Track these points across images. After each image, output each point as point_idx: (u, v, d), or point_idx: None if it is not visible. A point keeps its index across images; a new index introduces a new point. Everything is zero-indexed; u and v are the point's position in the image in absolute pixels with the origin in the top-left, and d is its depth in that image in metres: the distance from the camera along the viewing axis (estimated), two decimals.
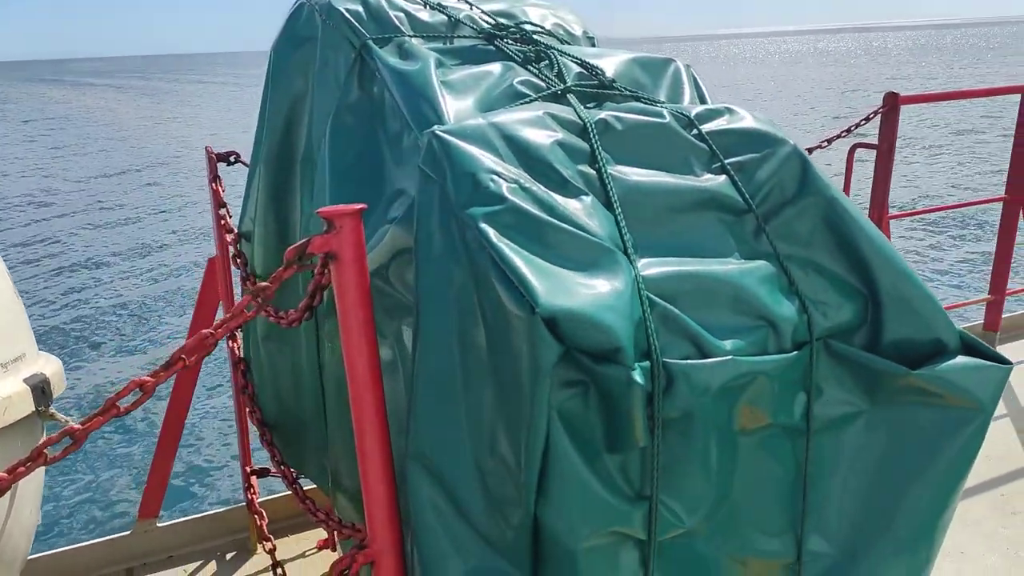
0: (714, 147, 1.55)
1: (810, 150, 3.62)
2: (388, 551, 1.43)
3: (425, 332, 1.33)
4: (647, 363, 1.24)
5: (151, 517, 2.85)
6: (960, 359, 1.41)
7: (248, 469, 2.85)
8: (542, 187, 1.32)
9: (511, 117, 1.48)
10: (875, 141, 3.74)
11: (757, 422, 1.39)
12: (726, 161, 1.54)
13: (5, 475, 1.22)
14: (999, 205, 4.28)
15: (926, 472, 1.46)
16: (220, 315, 2.78)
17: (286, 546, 2.90)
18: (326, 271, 1.36)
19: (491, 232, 1.21)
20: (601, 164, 1.42)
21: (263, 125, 2.28)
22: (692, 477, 1.33)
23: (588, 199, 1.36)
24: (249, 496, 2.80)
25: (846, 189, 3.87)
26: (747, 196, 1.50)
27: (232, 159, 2.65)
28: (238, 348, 2.65)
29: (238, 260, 2.35)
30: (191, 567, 2.82)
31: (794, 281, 1.44)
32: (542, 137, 1.42)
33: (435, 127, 1.41)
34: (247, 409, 2.45)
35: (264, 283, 1.30)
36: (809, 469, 1.48)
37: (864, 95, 34.56)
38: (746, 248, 1.47)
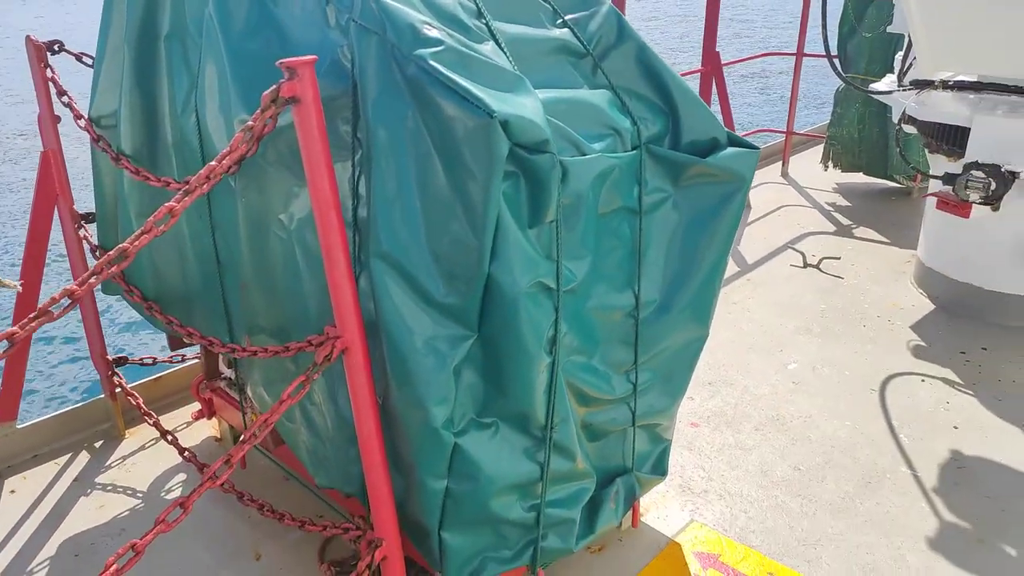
0: (555, 7, 2.05)
1: None
2: (356, 340, 1.81)
3: (378, 158, 1.70)
4: (547, 155, 1.74)
5: (10, 420, 2.85)
6: (728, 149, 2.09)
7: (107, 359, 2.93)
8: (459, 35, 1.73)
9: None
10: None
11: (612, 205, 1.96)
12: (566, 17, 2.05)
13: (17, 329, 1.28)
14: (698, 76, 5.30)
15: (712, 232, 2.15)
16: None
17: (148, 430, 3.05)
18: (270, 120, 1.66)
19: (440, 67, 1.61)
20: (487, 19, 1.86)
21: (111, 8, 2.35)
22: (578, 245, 1.88)
23: (490, 44, 1.80)
24: (115, 383, 2.90)
25: None
26: (585, 43, 2.03)
27: (56, 48, 2.63)
28: (90, 237, 2.71)
29: (99, 143, 2.43)
30: (63, 460, 2.88)
31: (625, 103, 2.01)
32: None
33: None
34: (126, 291, 2.56)
35: (251, 123, 1.58)
36: (641, 240, 2.10)
37: None
38: (589, 81, 2.00)
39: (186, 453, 2.48)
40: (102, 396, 3.02)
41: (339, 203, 1.72)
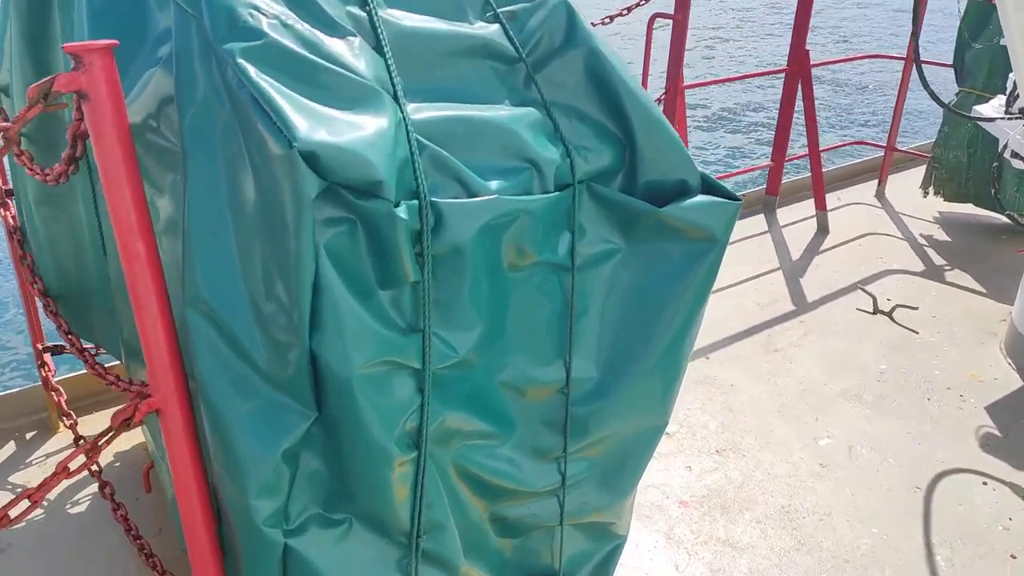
0: None
1: (612, 17, 3.73)
2: (173, 399, 1.44)
3: (193, 177, 1.31)
4: (415, 202, 1.30)
5: None
6: (699, 197, 1.58)
7: (40, 346, 2.71)
8: (307, 25, 1.31)
9: None
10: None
11: (525, 258, 1.50)
12: (499, 10, 1.58)
13: None
14: (782, 76, 4.63)
15: (672, 299, 1.65)
16: None
17: (90, 424, 2.83)
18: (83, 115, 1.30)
19: (250, 68, 1.19)
20: (372, 7, 1.42)
21: None
22: (464, 310, 1.43)
23: (356, 40, 1.36)
24: (44, 374, 2.68)
25: (646, 58, 4.04)
26: (518, 45, 1.56)
27: None
28: (12, 217, 2.46)
29: None
30: None
31: (559, 127, 1.53)
32: None
33: None
34: (30, 281, 2.31)
35: (5, 124, 1.22)
36: (575, 302, 1.62)
37: None
38: (516, 95, 1.54)
39: (93, 466, 2.21)
40: (39, 383, 2.81)
41: (150, 228, 1.35)
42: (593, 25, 3.63)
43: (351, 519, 1.51)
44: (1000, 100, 3.50)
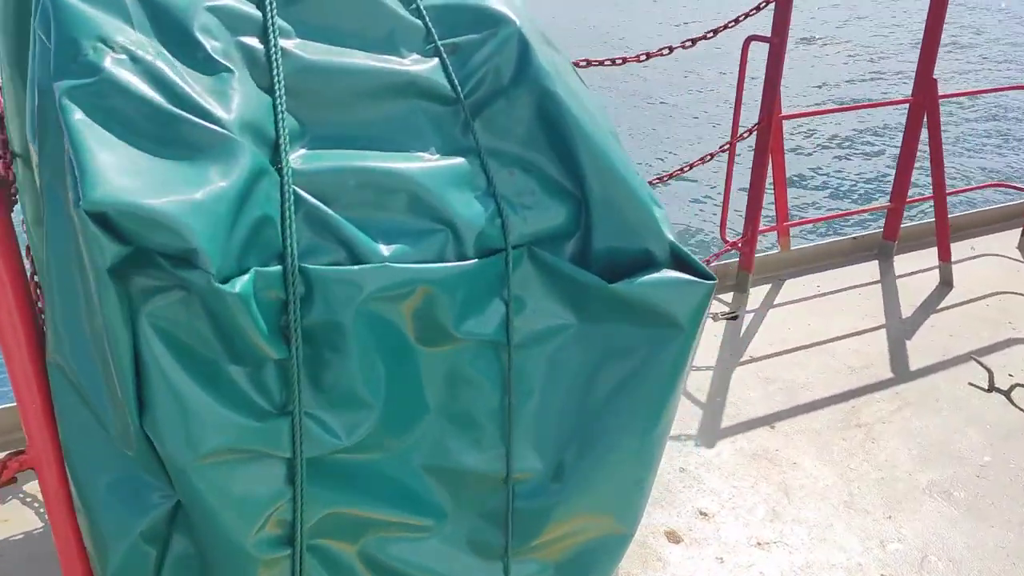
0: (430, 24, 1.37)
1: (694, 41, 3.41)
2: (49, 457, 1.32)
3: (50, 220, 1.18)
4: (278, 268, 1.11)
5: None
6: (663, 273, 1.30)
7: None
8: (167, 61, 1.15)
9: None
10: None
11: (442, 334, 1.28)
12: (441, 42, 1.36)
13: None
14: (905, 108, 4.11)
15: (633, 389, 1.37)
16: None
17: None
18: None
19: (73, 110, 1.04)
20: (272, 37, 1.24)
21: None
22: (352, 390, 1.22)
23: (234, 77, 1.18)
24: None
25: (739, 85, 3.67)
26: (456, 82, 1.34)
27: None
28: None
29: None
30: None
31: (492, 181, 1.30)
32: (194, 1, 1.22)
33: None
34: None
35: None
36: (513, 384, 1.38)
37: None
38: (447, 142, 1.32)
39: None
40: None
41: (20, 274, 1.23)
42: (670, 50, 3.34)
43: None
44: None
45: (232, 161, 1.10)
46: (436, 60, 1.34)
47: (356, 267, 1.14)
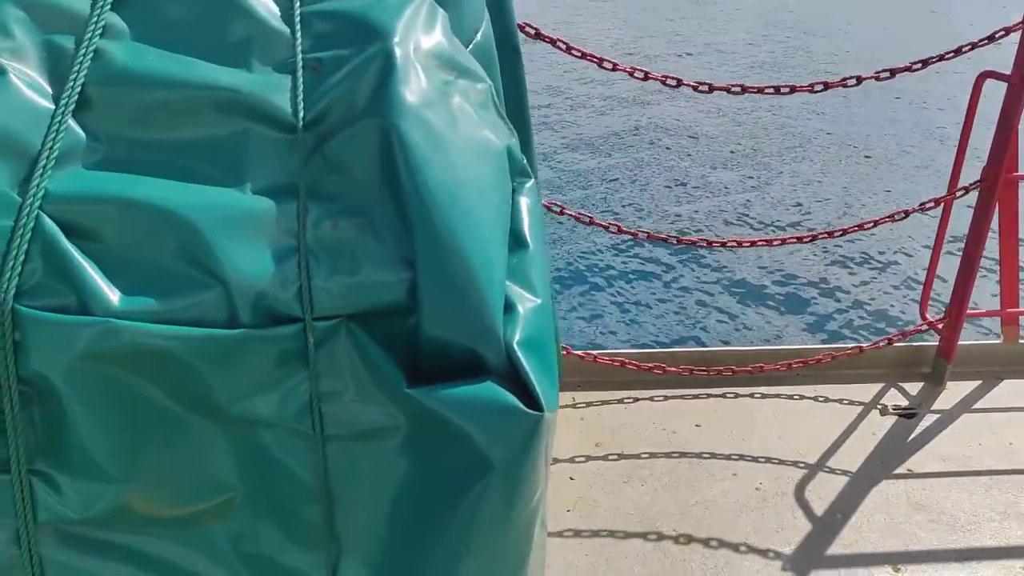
0: (298, 34, 1.13)
1: (892, 72, 2.74)
2: None
3: None
4: None
5: None
6: (477, 386, 0.95)
7: None
8: None
9: None
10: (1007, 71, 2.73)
11: (212, 409, 1.05)
12: (305, 56, 1.12)
13: None
14: None
15: (462, 515, 1.04)
16: None
17: None
18: None
19: None
20: (89, 37, 1.08)
21: None
22: (87, 458, 1.04)
23: (7, 81, 1.04)
24: None
25: (965, 131, 2.90)
26: (301, 106, 1.09)
27: None
28: None
29: None
30: None
31: (306, 235, 1.03)
32: None
33: None
34: None
35: None
36: (334, 485, 1.11)
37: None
38: (268, 177, 1.07)
39: None
40: None
41: None
42: (860, 80, 2.70)
43: None
44: None
45: None
46: (288, 77, 1.11)
47: (70, 318, 0.96)
